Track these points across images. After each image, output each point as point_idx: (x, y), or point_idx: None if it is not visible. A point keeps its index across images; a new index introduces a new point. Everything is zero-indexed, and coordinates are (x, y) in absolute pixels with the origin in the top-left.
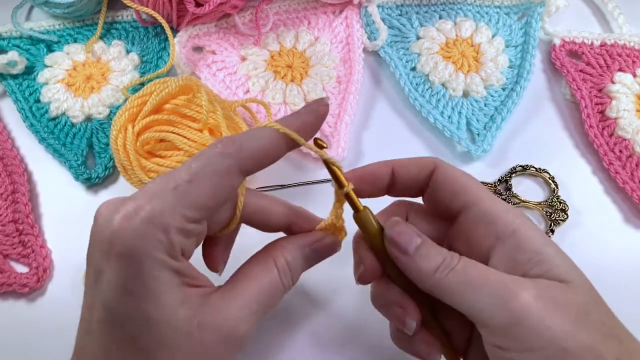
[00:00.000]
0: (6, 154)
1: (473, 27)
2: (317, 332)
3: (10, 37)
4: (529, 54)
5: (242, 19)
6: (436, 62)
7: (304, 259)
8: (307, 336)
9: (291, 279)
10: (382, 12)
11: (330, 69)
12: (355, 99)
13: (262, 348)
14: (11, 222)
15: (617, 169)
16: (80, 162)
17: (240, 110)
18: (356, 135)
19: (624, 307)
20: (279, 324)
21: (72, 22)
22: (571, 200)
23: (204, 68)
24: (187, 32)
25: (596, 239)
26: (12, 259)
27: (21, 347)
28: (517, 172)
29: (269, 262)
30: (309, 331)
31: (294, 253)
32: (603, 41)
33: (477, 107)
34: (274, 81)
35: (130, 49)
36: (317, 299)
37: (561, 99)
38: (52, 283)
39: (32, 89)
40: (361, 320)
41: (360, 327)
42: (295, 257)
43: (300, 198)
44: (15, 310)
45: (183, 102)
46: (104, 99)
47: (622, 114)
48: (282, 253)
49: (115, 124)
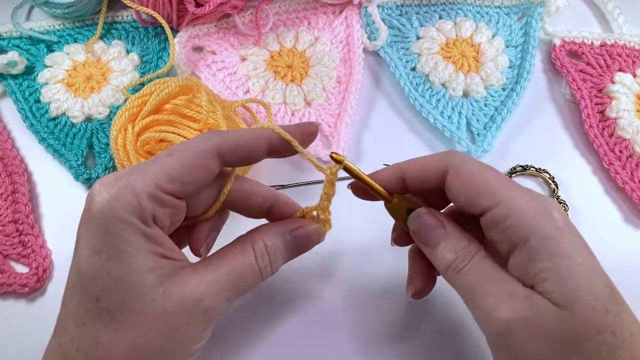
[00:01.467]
0: (6, 154)
1: (473, 27)
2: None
3: (10, 37)
4: (529, 54)
5: (242, 19)
6: (436, 62)
7: (284, 245)
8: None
9: (269, 264)
10: (382, 12)
11: (330, 69)
12: (355, 99)
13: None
14: (11, 222)
15: (617, 169)
16: (80, 162)
17: (240, 110)
18: (356, 135)
19: None
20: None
21: (72, 22)
22: (571, 200)
23: (204, 68)
24: (187, 32)
25: (596, 239)
26: (12, 259)
27: (21, 347)
28: (517, 172)
29: (246, 244)
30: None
31: (273, 238)
32: (603, 41)
33: (477, 107)
34: (274, 81)
35: (130, 49)
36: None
37: (561, 99)
38: (52, 283)
39: (32, 89)
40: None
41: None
42: (275, 242)
43: (300, 198)
44: (15, 310)
45: (183, 102)
46: (104, 99)
47: (622, 114)
48: (262, 237)
49: (115, 124)
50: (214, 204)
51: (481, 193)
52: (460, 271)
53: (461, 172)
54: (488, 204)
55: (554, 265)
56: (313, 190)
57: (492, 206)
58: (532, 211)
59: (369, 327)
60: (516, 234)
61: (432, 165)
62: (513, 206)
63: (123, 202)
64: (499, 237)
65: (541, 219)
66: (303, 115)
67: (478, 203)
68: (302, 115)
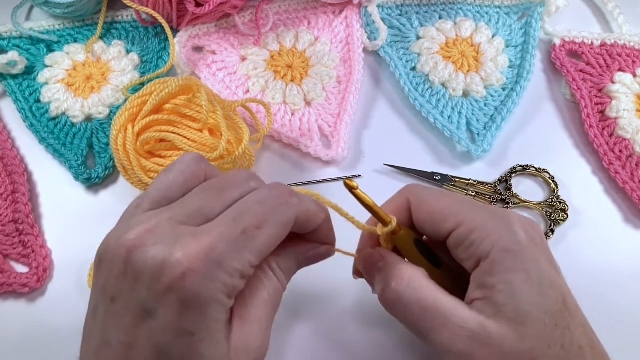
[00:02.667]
0: (6, 154)
1: (473, 27)
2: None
3: (10, 37)
4: (529, 54)
5: (242, 19)
6: (436, 62)
7: (296, 264)
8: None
9: (286, 281)
10: (382, 12)
11: (330, 69)
12: (355, 99)
13: None
14: (11, 222)
15: (617, 169)
16: (80, 162)
17: (240, 110)
18: (356, 135)
19: (624, 307)
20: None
21: (72, 22)
22: (571, 200)
23: (204, 68)
24: (187, 32)
25: (596, 239)
26: (12, 259)
27: (21, 347)
28: (517, 172)
29: (266, 271)
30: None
31: (286, 260)
32: (603, 41)
33: (477, 107)
34: (274, 81)
35: (130, 49)
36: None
37: (561, 99)
38: (52, 283)
39: (32, 89)
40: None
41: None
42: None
43: None
44: (15, 310)
45: (183, 102)
46: (104, 99)
47: (622, 114)
48: (276, 261)
49: (115, 124)
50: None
51: (444, 217)
52: (400, 299)
53: (422, 202)
54: (452, 225)
55: (508, 279)
56: (313, 190)
57: (456, 226)
58: (493, 226)
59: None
60: (480, 249)
61: (397, 204)
62: (476, 223)
63: (219, 284)
64: (464, 254)
65: (501, 233)
66: (303, 115)
67: (443, 227)
68: (302, 115)
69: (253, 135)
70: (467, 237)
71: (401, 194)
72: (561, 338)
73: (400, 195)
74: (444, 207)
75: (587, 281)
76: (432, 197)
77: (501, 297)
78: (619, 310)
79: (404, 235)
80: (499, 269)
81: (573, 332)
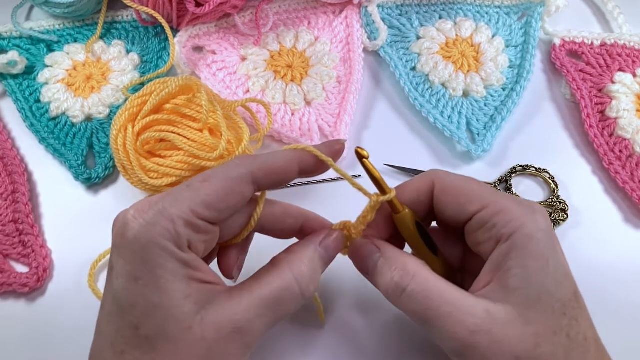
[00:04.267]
0: (6, 154)
1: (473, 27)
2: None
3: (10, 37)
4: (529, 54)
5: (242, 19)
6: (436, 62)
7: (320, 260)
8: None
9: (311, 283)
10: (382, 12)
11: (330, 69)
12: (355, 99)
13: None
14: (11, 222)
15: (617, 169)
16: (80, 162)
17: (240, 110)
18: (356, 135)
19: (624, 307)
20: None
21: (72, 22)
22: (571, 200)
23: (204, 68)
24: (187, 32)
25: (596, 238)
26: (12, 259)
27: (21, 347)
28: (517, 172)
29: (282, 267)
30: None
31: (310, 255)
32: (603, 41)
33: (477, 107)
34: (274, 81)
35: (130, 49)
36: None
37: (561, 99)
38: (52, 283)
39: (32, 89)
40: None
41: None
42: (312, 259)
43: (301, 198)
44: (15, 310)
45: (183, 102)
46: (104, 98)
47: (622, 114)
48: (298, 258)
49: (116, 123)
50: (245, 229)
51: (470, 200)
52: (405, 291)
53: (448, 185)
54: (477, 208)
55: (526, 264)
56: (313, 190)
57: (481, 208)
58: (519, 211)
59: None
60: (502, 231)
61: (420, 186)
62: (502, 206)
63: (159, 228)
64: (485, 236)
65: (526, 219)
66: (303, 115)
67: (467, 209)
68: (302, 115)
69: (253, 135)
70: (490, 219)
71: (425, 175)
72: (567, 327)
73: (423, 177)
74: (471, 190)
75: (587, 281)
76: (459, 180)
77: (514, 281)
78: (619, 310)
79: (407, 215)
80: (518, 254)
81: (580, 324)
